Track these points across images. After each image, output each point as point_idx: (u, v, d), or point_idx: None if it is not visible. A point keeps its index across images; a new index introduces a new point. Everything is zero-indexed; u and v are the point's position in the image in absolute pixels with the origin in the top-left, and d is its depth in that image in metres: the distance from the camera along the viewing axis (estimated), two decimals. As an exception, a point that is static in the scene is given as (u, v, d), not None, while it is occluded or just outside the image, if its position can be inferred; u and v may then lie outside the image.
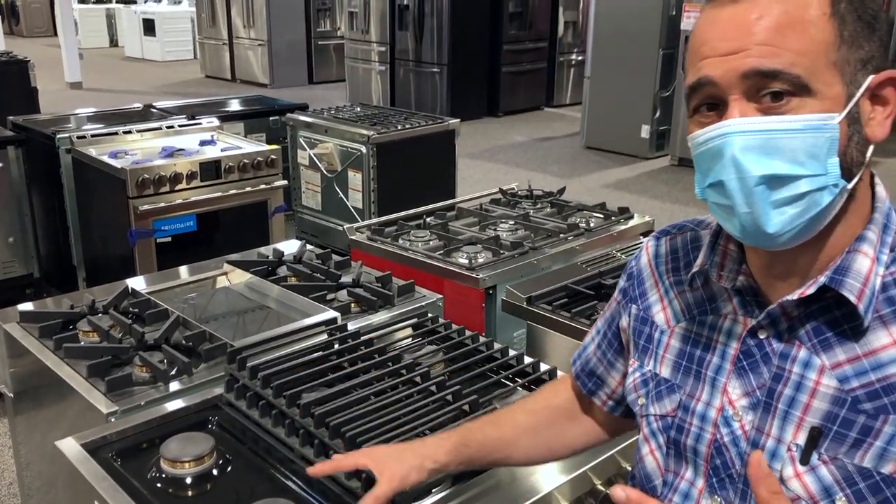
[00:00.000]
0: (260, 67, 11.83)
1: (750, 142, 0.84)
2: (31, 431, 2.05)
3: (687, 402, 1.00)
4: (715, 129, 0.86)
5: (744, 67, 0.83)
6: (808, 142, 0.83)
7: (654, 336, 1.08)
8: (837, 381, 0.88)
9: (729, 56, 0.84)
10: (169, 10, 14.82)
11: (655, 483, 1.06)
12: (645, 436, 1.08)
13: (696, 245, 1.07)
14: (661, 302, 1.08)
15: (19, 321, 1.94)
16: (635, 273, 1.15)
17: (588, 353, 1.25)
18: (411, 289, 2.15)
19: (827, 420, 0.88)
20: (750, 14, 0.84)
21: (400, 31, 9.48)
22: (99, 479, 1.33)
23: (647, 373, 1.08)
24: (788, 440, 0.90)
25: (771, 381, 0.92)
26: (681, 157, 7.39)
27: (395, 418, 1.43)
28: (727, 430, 0.96)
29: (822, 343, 0.90)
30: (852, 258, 0.89)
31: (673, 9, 7.31)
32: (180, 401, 1.60)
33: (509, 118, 9.63)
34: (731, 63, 0.84)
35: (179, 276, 2.30)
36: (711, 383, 0.98)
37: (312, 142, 4.48)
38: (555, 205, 3.07)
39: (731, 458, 0.95)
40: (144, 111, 4.59)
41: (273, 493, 1.33)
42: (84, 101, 9.59)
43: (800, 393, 0.90)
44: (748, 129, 0.84)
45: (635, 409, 1.10)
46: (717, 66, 0.85)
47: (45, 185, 3.95)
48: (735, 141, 0.84)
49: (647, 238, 1.17)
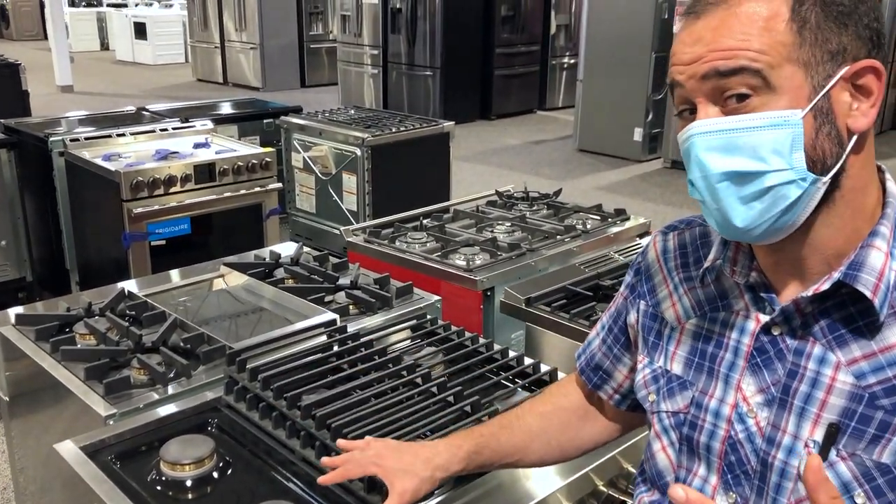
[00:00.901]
0: (252, 71, 11.81)
1: (712, 142, 0.88)
2: (26, 435, 2.03)
3: (700, 398, 1.01)
4: (683, 132, 0.91)
5: (702, 71, 0.88)
6: (769, 137, 0.85)
7: (663, 332, 1.08)
8: (854, 377, 0.88)
9: (692, 64, 0.89)
10: (160, 14, 14.78)
11: (668, 479, 1.06)
12: (656, 432, 1.08)
13: (705, 241, 1.08)
14: (670, 298, 1.08)
15: (15, 324, 1.93)
16: (643, 269, 1.15)
17: (593, 348, 1.25)
18: (410, 290, 2.15)
19: (844, 416, 0.88)
20: (710, 24, 0.88)
21: (392, 35, 9.48)
22: (99, 481, 1.32)
23: (657, 369, 1.08)
24: (805, 437, 0.90)
25: (786, 377, 0.92)
26: (673, 160, 7.41)
27: (397, 420, 1.42)
28: (741, 426, 0.96)
29: (836, 339, 0.90)
30: (866, 253, 0.89)
31: (665, 12, 7.34)
32: (179, 403, 1.58)
33: (502, 121, 9.64)
34: (691, 69, 0.89)
35: (176, 279, 2.29)
36: (725, 380, 0.98)
37: (307, 144, 4.47)
38: (551, 206, 3.07)
39: (746, 455, 0.95)
40: (137, 114, 4.57)
41: (274, 496, 1.32)
42: (75, 104, 9.55)
43: (816, 389, 0.90)
44: (708, 129, 0.88)
45: (646, 406, 1.10)
46: (682, 73, 0.90)
47: (37, 188, 3.92)
48: (697, 142, 0.89)
49: (654, 233, 1.17)
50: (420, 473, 1.14)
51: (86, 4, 17.14)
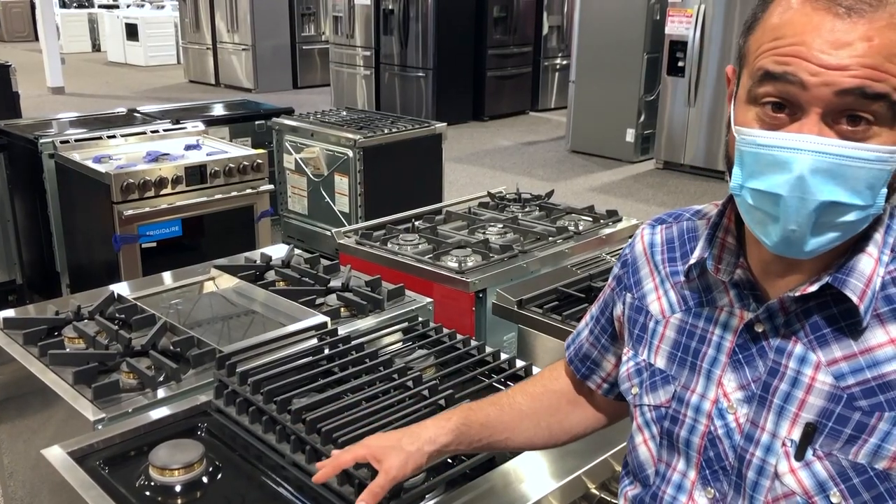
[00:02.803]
0: (244, 72, 11.78)
1: (821, 164, 0.81)
2: (14, 440, 2.01)
3: (682, 393, 1.01)
4: (786, 139, 0.82)
5: (846, 85, 0.80)
6: (871, 173, 0.82)
7: (648, 325, 1.08)
8: (833, 377, 0.88)
9: (831, 70, 0.80)
10: (152, 15, 14.73)
11: (648, 472, 1.07)
12: (638, 425, 1.08)
13: (693, 235, 1.07)
14: (656, 291, 1.08)
15: (3, 328, 1.91)
16: (630, 261, 1.14)
17: (581, 338, 1.25)
18: (401, 293, 2.14)
19: (822, 416, 0.88)
20: (866, 32, 0.80)
21: (385, 36, 9.46)
22: (86, 487, 1.31)
23: (640, 362, 1.08)
24: (783, 435, 0.91)
25: (766, 375, 0.93)
26: (665, 161, 7.42)
27: (388, 423, 1.41)
28: (721, 422, 0.96)
29: (818, 339, 0.90)
30: (857, 258, 0.89)
31: (657, 13, 7.35)
32: (168, 407, 1.57)
33: (494, 122, 9.64)
34: (831, 76, 0.80)
35: (167, 282, 2.28)
36: (707, 375, 0.98)
37: (298, 146, 4.46)
38: (543, 208, 3.06)
39: (724, 451, 0.96)
40: (128, 116, 4.55)
41: (264, 500, 1.32)
42: (66, 105, 9.51)
43: (795, 388, 0.90)
44: (824, 150, 0.81)
45: (628, 398, 1.11)
46: (814, 73, 0.80)
47: (27, 191, 3.90)
48: (806, 159, 0.81)
49: (642, 225, 1.16)
50: (406, 448, 1.11)
51: (77, 5, 17.07)
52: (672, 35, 7.06)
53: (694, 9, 6.85)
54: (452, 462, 1.37)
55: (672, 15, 7.02)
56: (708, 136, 7.09)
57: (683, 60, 7.03)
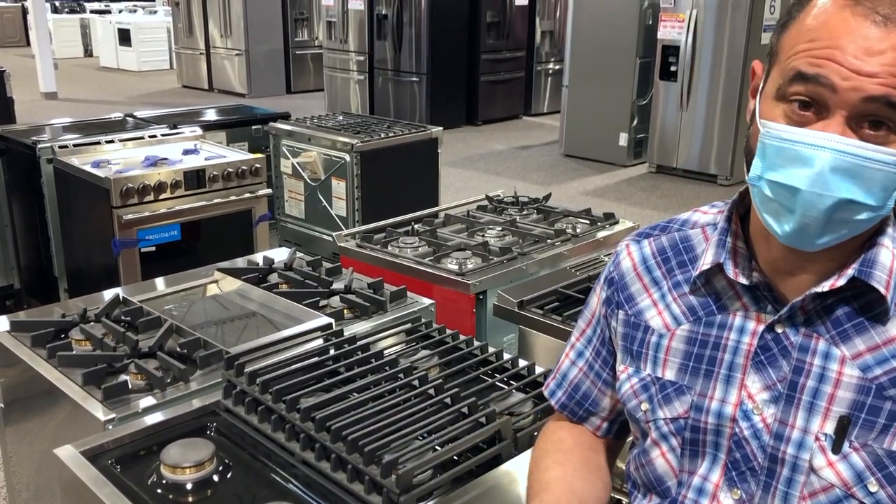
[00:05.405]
0: (237, 77, 11.79)
1: (841, 163, 0.84)
2: (20, 442, 2.03)
3: (699, 401, 1.01)
4: (810, 136, 0.86)
5: (874, 92, 0.83)
6: (888, 176, 0.86)
7: (649, 340, 1.07)
8: (860, 370, 0.91)
9: (862, 76, 0.83)
10: (145, 20, 14.71)
11: (669, 485, 1.06)
12: (654, 440, 1.06)
13: (688, 245, 1.07)
14: (655, 307, 1.07)
15: (10, 331, 1.93)
16: (617, 278, 1.13)
17: (572, 378, 1.20)
18: (403, 294, 2.16)
19: (854, 409, 0.91)
20: (895, 42, 0.83)
21: (378, 41, 9.49)
22: (100, 485, 1.33)
23: (646, 377, 1.07)
24: (815, 430, 0.93)
25: (792, 374, 0.95)
26: (658, 165, 7.48)
27: (396, 421, 1.44)
28: (747, 423, 0.97)
29: (840, 335, 0.93)
30: (877, 251, 0.93)
31: (650, 18, 7.40)
32: (177, 407, 1.59)
33: (488, 127, 9.68)
34: (860, 82, 0.83)
35: (169, 285, 2.29)
36: (725, 380, 0.99)
37: (295, 150, 4.48)
38: (541, 211, 3.10)
39: (752, 451, 0.97)
40: (123, 121, 4.56)
41: (274, 498, 1.34)
42: (59, 111, 9.50)
43: (823, 384, 0.93)
44: (847, 150, 0.84)
45: (637, 416, 1.08)
46: (845, 78, 0.84)
47: (25, 196, 3.91)
48: (828, 157, 0.85)
49: (624, 242, 1.15)
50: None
51: (69, 11, 17.04)
52: (664, 40, 7.12)
53: (686, 14, 6.91)
54: (458, 459, 1.40)
55: (664, 20, 7.08)
56: (700, 139, 7.14)
57: (676, 65, 7.09)
